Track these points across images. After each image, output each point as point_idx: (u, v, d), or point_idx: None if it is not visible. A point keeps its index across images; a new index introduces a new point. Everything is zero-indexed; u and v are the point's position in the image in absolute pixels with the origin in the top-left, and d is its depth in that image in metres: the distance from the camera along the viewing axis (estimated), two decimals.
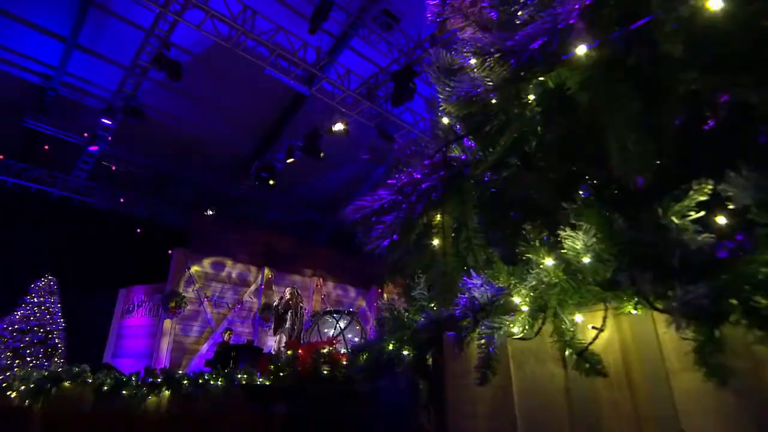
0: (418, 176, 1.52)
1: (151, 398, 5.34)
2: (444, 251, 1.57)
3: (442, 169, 1.51)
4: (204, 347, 10.73)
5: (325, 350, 3.22)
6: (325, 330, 3.70)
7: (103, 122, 9.85)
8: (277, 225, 13.77)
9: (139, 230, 12.71)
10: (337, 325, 3.62)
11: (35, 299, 9.57)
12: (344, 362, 3.18)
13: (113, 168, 11.97)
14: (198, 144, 11.96)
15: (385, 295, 14.06)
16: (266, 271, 12.09)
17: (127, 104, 9.56)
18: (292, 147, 11.14)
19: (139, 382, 5.38)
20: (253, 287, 12.00)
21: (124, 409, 5.43)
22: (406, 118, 10.81)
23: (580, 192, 1.39)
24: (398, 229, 1.48)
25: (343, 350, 3.36)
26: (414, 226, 1.49)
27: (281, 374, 3.17)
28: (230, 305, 11.49)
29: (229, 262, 11.74)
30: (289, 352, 3.29)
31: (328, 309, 3.63)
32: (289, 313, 7.01)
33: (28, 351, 8.93)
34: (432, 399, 1.93)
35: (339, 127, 10.20)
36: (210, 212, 12.97)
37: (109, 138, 10.55)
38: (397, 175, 1.59)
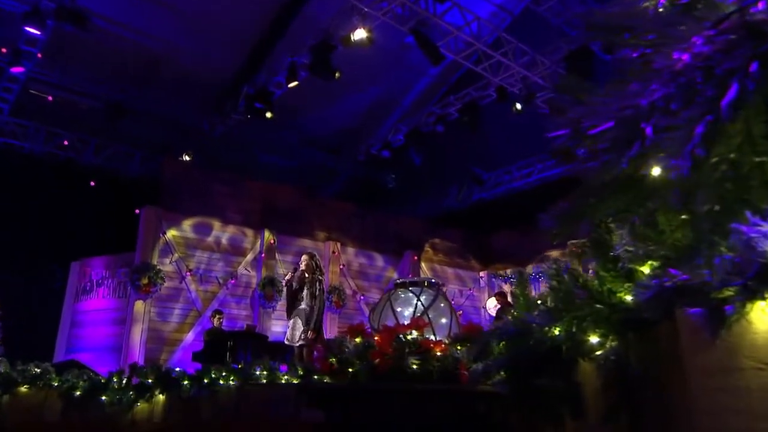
0: (706, 50, 1.16)
1: (141, 405, 5.46)
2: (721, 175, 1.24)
3: (744, 38, 1.15)
4: (189, 336, 10.81)
5: (410, 336, 3.03)
6: (398, 309, 3.48)
7: (28, 32, 9.45)
8: (277, 172, 13.70)
9: (92, 183, 12.68)
10: (418, 303, 3.39)
11: None
12: (439, 353, 3.01)
13: (49, 98, 11.73)
14: (165, 64, 11.70)
15: (423, 264, 14.13)
16: (266, 234, 12.07)
17: (61, 6, 9.14)
18: (295, 65, 10.84)
19: (123, 384, 5.48)
20: (250, 256, 11.99)
21: (104, 420, 5.46)
22: (452, 20, 10.31)
23: None
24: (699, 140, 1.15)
25: (431, 336, 3.16)
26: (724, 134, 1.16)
27: (350, 370, 3.00)
28: (221, 280, 11.50)
29: (216, 224, 11.71)
30: (357, 340, 3.07)
31: (401, 280, 3.43)
32: (305, 291, 6.85)
33: None
34: (640, 405, 1.68)
35: (360, 34, 9.79)
36: (186, 157, 12.92)
37: (39, 55, 10.25)
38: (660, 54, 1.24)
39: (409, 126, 13.62)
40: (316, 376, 4.89)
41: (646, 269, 1.64)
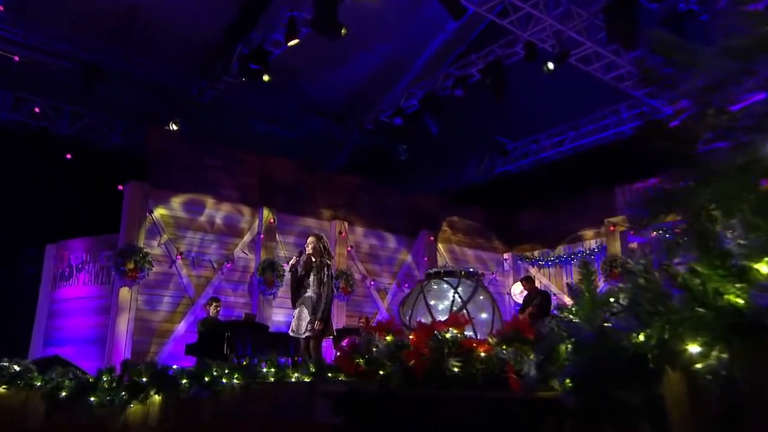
0: None
1: (134, 406, 5.54)
2: None
3: None
4: (180, 327, 10.84)
5: (449, 335, 2.98)
6: (432, 302, 3.42)
7: None
8: (275, 143, 13.67)
9: (68, 156, 12.59)
10: (455, 295, 3.32)
11: None
12: (483, 353, 2.94)
13: (15, 59, 11.59)
14: (144, 17, 11.52)
15: (440, 245, 14.10)
16: (265, 213, 12.07)
17: None
18: (295, 20, 10.70)
19: (114, 384, 5.56)
20: (247, 237, 11.99)
21: (93, 424, 5.52)
22: None
23: None
24: None
25: (469, 333, 3.09)
26: None
27: (381, 373, 2.97)
28: (216, 264, 11.48)
29: (209, 202, 11.66)
30: (387, 339, 3.01)
31: (434, 269, 3.35)
32: (311, 276, 6.82)
33: None
34: (747, 426, 1.59)
35: None
36: (174, 127, 12.89)
37: (1, 8, 10.11)
38: None
39: (423, 90, 13.46)
40: (329, 374, 4.97)
41: (763, 267, 1.53)
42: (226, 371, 5.21)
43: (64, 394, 5.59)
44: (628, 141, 12.85)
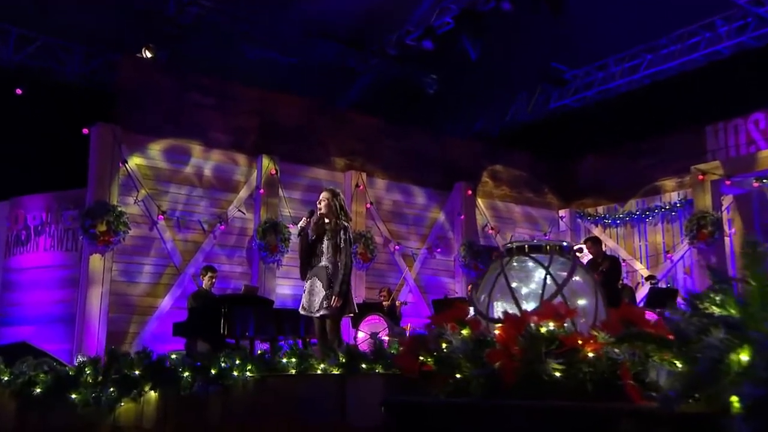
0: None
1: (126, 404, 5.56)
2: None
3: None
4: (165, 302, 10.92)
5: (545, 329, 2.90)
6: (515, 284, 3.34)
7: None
8: (275, 74, 13.60)
9: (18, 91, 12.52)
10: (546, 277, 3.24)
11: None
12: (591, 353, 2.85)
13: None
14: None
15: (480, 201, 14.01)
16: (265, 162, 12.03)
17: None
18: None
19: (100, 377, 5.59)
20: (243, 192, 11.99)
21: (76, 426, 5.61)
22: None
23: None
24: None
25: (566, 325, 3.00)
26: None
27: (457, 377, 2.95)
28: (206, 226, 11.51)
29: (196, 149, 11.63)
30: (464, 332, 3.00)
31: (515, 243, 3.24)
32: (325, 242, 6.82)
33: None
34: None
35: None
36: (148, 54, 12.79)
37: None
38: None
39: (460, 4, 13.14)
40: (364, 364, 4.96)
41: None
42: (238, 361, 5.28)
43: (38, 390, 5.59)
44: (724, 65, 12.55)
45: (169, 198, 11.26)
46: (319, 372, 5.22)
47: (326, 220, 6.77)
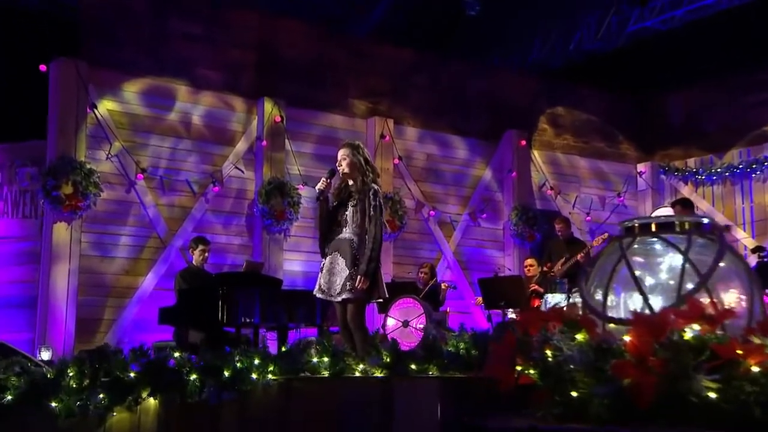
0: None
1: (119, 414, 5.76)
2: None
3: None
4: (147, 281, 11.13)
5: (692, 334, 2.88)
6: (638, 272, 3.30)
7: None
8: None
9: None
10: (685, 265, 3.15)
11: None
12: (756, 367, 2.88)
13: None
14: None
15: (535, 153, 13.94)
16: (268, 106, 12.11)
17: None
18: None
19: (87, 381, 5.71)
20: (242, 145, 12.19)
21: None
22: None
23: None
24: None
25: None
26: None
27: (572, 395, 2.91)
28: (196, 187, 11.71)
29: (182, 90, 11.78)
30: (579, 337, 2.93)
31: (639, 220, 3.23)
32: (350, 208, 6.87)
33: None
34: None
35: None
36: None
37: None
38: None
39: None
40: (413, 365, 5.29)
41: None
42: (257, 361, 5.39)
43: (9, 398, 5.73)
44: None
45: (150, 152, 11.44)
46: (358, 374, 5.36)
47: (350, 182, 6.83)
